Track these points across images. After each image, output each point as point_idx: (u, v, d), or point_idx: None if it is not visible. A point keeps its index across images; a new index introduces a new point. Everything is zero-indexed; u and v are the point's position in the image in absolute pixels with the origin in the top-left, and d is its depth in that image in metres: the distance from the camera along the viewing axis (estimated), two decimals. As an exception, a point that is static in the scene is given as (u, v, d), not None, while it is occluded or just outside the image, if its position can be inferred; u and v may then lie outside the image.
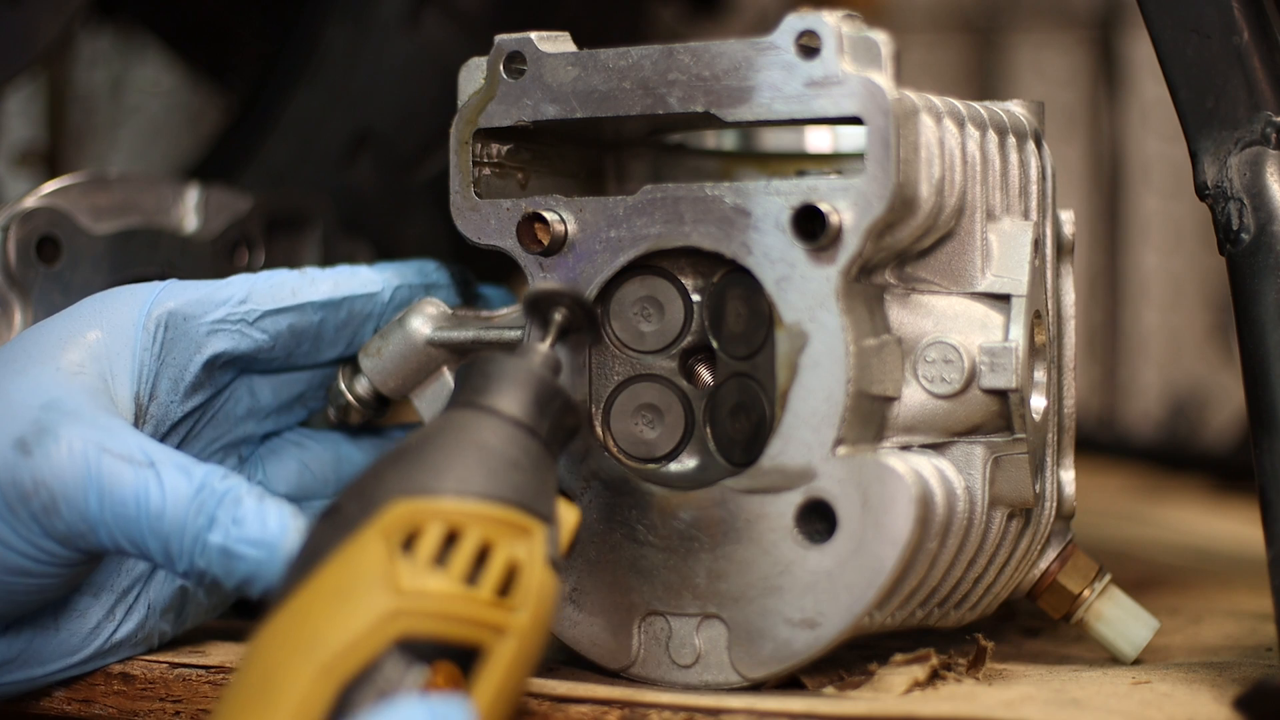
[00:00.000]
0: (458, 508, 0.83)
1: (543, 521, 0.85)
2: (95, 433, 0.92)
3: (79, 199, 1.16)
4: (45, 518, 0.91)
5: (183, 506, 0.89)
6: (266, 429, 1.09)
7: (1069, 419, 1.07)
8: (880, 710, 0.91)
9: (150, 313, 1.00)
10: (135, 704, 1.02)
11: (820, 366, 0.94)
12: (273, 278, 1.04)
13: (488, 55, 1.01)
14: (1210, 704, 0.94)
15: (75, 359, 0.97)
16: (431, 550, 0.82)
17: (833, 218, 0.93)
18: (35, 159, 1.80)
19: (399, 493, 0.83)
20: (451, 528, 0.82)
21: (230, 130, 1.52)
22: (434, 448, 0.85)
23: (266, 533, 0.89)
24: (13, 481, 0.91)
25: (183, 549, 0.89)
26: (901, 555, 0.92)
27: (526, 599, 0.83)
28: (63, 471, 0.90)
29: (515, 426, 0.87)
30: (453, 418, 0.87)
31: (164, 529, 0.90)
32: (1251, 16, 1.01)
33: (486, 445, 0.85)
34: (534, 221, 1.00)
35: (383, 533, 0.82)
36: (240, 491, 0.90)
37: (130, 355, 0.99)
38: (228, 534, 0.89)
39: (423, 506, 0.82)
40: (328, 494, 1.10)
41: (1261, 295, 0.98)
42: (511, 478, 0.85)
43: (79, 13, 1.24)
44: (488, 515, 0.83)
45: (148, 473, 0.90)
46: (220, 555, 0.89)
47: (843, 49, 0.93)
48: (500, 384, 0.88)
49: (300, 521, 0.89)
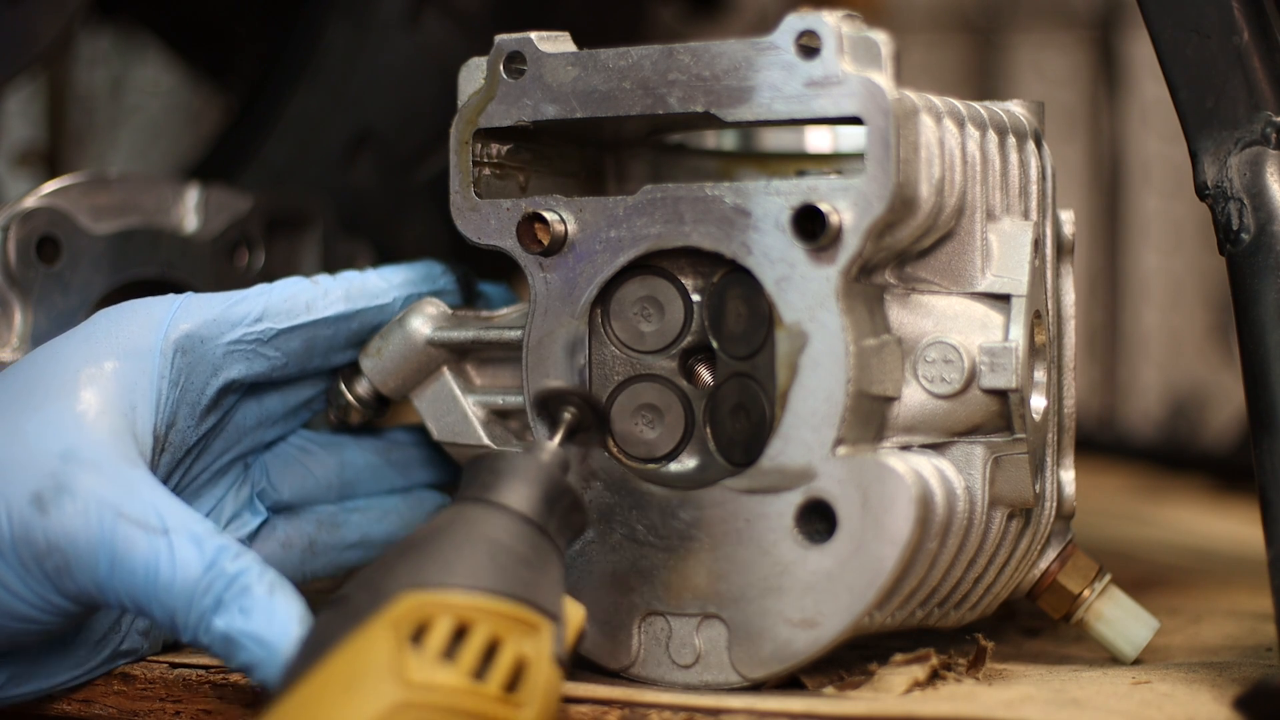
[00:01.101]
0: (468, 602, 0.83)
1: (550, 619, 0.85)
2: (112, 492, 0.91)
3: (79, 199, 1.16)
4: (57, 578, 0.91)
5: (191, 583, 0.89)
6: (274, 435, 1.08)
7: (1069, 419, 1.07)
8: (880, 710, 0.91)
9: (168, 336, 0.99)
10: (135, 704, 1.02)
11: (820, 366, 0.94)
12: (286, 291, 1.03)
13: (488, 55, 1.01)
14: (1210, 704, 0.94)
15: (94, 397, 0.95)
16: (441, 643, 0.82)
17: (833, 218, 0.93)
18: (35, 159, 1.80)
19: (409, 585, 0.83)
20: (461, 622, 0.82)
21: (230, 130, 1.52)
22: (444, 541, 0.85)
23: (270, 630, 0.88)
24: (27, 540, 0.90)
25: (188, 624, 0.89)
26: (901, 555, 0.92)
27: (533, 695, 0.83)
28: (77, 536, 0.90)
29: (524, 523, 0.87)
30: (462, 512, 0.87)
31: (171, 602, 0.89)
32: (1251, 16, 1.01)
33: (496, 541, 0.86)
34: (534, 221, 1.00)
35: (392, 624, 0.82)
36: (250, 579, 0.89)
37: (150, 386, 0.98)
38: (231, 623, 0.89)
39: (433, 599, 0.82)
40: (331, 499, 1.10)
41: (1261, 295, 0.98)
42: (520, 574, 0.85)
43: (79, 13, 1.24)
44: (497, 611, 0.83)
45: (160, 542, 0.90)
46: (223, 641, 0.89)
47: (843, 49, 0.93)
48: (509, 480, 0.88)
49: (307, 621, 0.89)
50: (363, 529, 1.11)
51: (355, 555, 1.11)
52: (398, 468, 1.12)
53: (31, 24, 1.20)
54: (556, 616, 0.86)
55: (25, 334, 1.12)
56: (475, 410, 1.04)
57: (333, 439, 1.11)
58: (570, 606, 0.88)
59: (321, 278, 1.05)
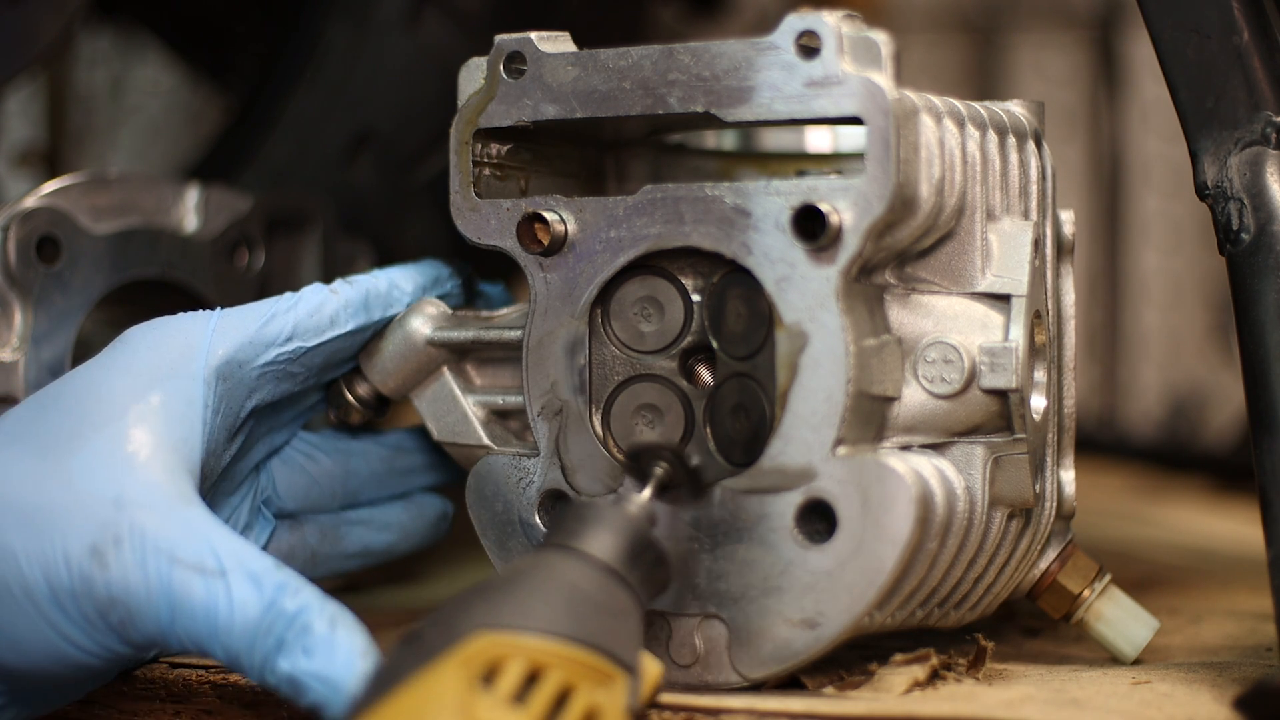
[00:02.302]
0: (541, 646, 0.81)
1: (626, 670, 0.83)
2: (166, 537, 0.90)
3: (79, 199, 1.16)
4: (122, 630, 0.90)
5: (251, 625, 0.88)
6: (281, 440, 1.08)
7: (1069, 419, 1.07)
8: (880, 710, 0.91)
9: (209, 363, 0.98)
10: (135, 704, 1.02)
11: (820, 366, 0.94)
12: (310, 305, 1.02)
13: (488, 55, 1.01)
14: (1210, 704, 0.94)
15: (145, 436, 0.94)
16: (512, 687, 0.79)
17: (833, 218, 0.93)
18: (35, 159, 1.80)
19: (482, 625, 0.81)
20: (533, 666, 0.80)
21: (230, 130, 1.52)
22: (522, 584, 0.84)
23: (333, 668, 0.87)
24: (90, 595, 0.90)
25: (252, 665, 0.88)
26: (901, 555, 0.92)
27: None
28: (136, 587, 0.89)
29: (606, 573, 0.86)
30: (544, 557, 0.86)
31: (232, 644, 0.88)
32: (1251, 16, 1.01)
33: (575, 587, 0.84)
34: (534, 221, 1.00)
35: (463, 663, 0.80)
36: (310, 616, 0.88)
37: (197, 417, 0.96)
38: (295, 665, 0.87)
39: (506, 641, 0.81)
40: (334, 507, 1.10)
41: (1261, 295, 0.98)
42: (598, 622, 0.83)
43: (79, 13, 1.24)
44: (571, 657, 0.81)
45: (218, 585, 0.89)
46: (289, 683, 0.88)
47: (843, 49, 0.93)
48: (595, 529, 0.87)
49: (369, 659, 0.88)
50: (364, 540, 1.11)
51: (355, 564, 1.11)
52: (401, 474, 1.12)
53: (31, 24, 1.20)
54: (633, 669, 0.84)
55: (25, 334, 1.12)
56: (475, 410, 1.04)
57: (338, 444, 1.10)
58: (648, 661, 0.86)
59: (340, 286, 1.04)
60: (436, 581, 1.31)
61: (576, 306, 0.99)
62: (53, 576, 0.90)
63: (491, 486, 1.02)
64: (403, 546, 1.13)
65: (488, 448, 1.03)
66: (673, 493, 0.92)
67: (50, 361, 1.13)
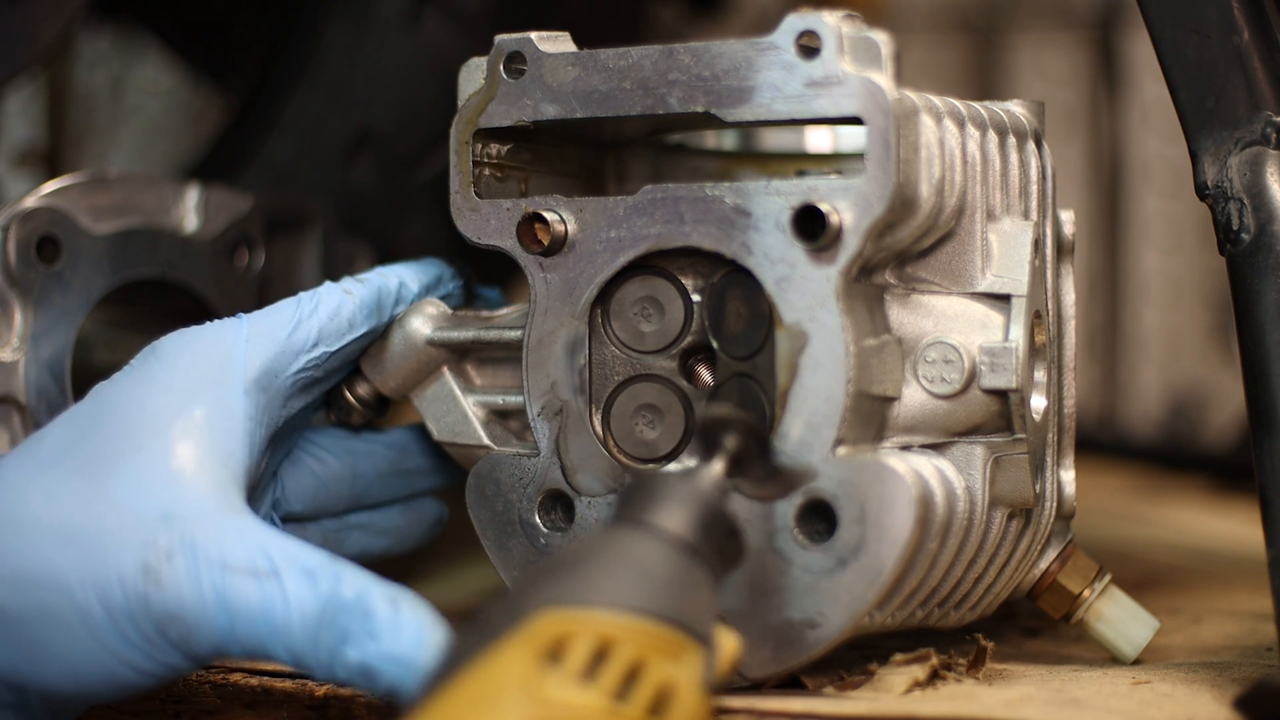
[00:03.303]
0: (610, 620, 0.78)
1: (700, 643, 0.80)
2: (217, 545, 0.88)
3: (79, 199, 1.16)
4: (183, 645, 0.89)
5: (312, 621, 0.87)
6: (292, 442, 1.08)
7: (1069, 419, 1.07)
8: (880, 710, 0.91)
9: (247, 374, 0.97)
10: (135, 704, 1.02)
11: (820, 366, 0.94)
12: (329, 308, 1.01)
13: (488, 55, 1.01)
14: (1210, 704, 0.94)
15: (189, 451, 0.93)
16: (580, 663, 0.77)
17: (833, 218, 0.93)
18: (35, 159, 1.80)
19: (549, 602, 0.79)
20: (602, 641, 0.77)
21: (230, 130, 1.52)
22: (589, 560, 0.81)
23: (401, 646, 0.85)
24: (147, 613, 0.88)
25: (319, 662, 0.87)
26: (901, 555, 0.92)
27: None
28: (190, 600, 0.88)
29: (677, 546, 0.83)
30: (613, 532, 0.83)
31: (294, 643, 0.87)
32: (1251, 16, 1.01)
33: (644, 561, 0.81)
34: (534, 221, 1.00)
35: (529, 642, 0.77)
36: (371, 601, 0.86)
37: (240, 429, 0.95)
38: (364, 651, 0.86)
39: (573, 617, 0.78)
40: (340, 510, 1.10)
41: (1261, 295, 0.98)
42: (669, 595, 0.80)
43: (79, 13, 1.24)
44: (641, 631, 0.78)
45: (272, 586, 0.87)
46: (361, 672, 0.86)
47: (843, 49, 0.93)
48: (666, 502, 0.84)
49: (439, 631, 0.86)
50: (362, 544, 1.11)
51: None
52: (407, 476, 1.12)
53: (31, 24, 1.20)
54: (708, 641, 0.81)
55: (25, 334, 1.12)
56: (475, 410, 1.04)
57: (345, 445, 1.10)
58: (724, 634, 0.84)
59: (353, 286, 1.03)
60: (436, 582, 1.31)
61: (576, 306, 0.99)
62: (108, 599, 0.89)
63: (492, 486, 1.02)
64: (398, 549, 1.13)
65: (488, 448, 1.03)
66: (747, 466, 0.89)
67: (50, 361, 1.13)
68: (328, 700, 0.98)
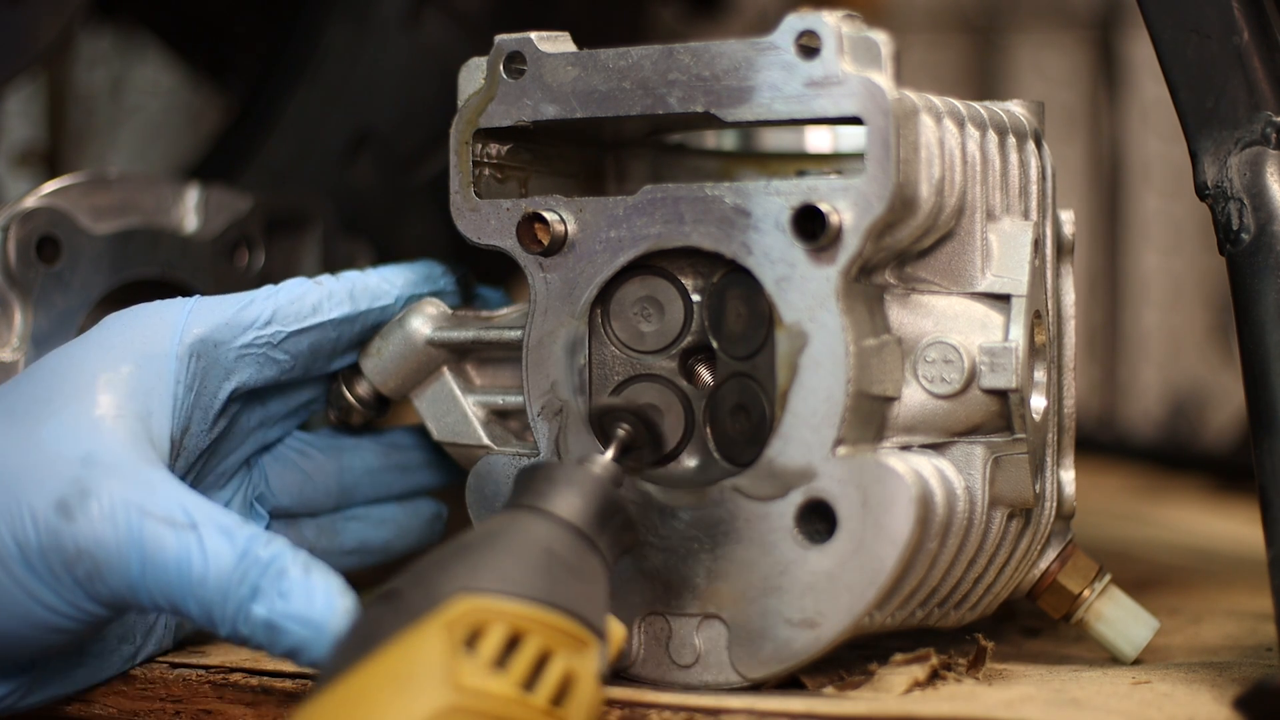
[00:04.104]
0: (522, 612, 0.83)
1: (597, 635, 0.85)
2: (136, 492, 0.90)
3: (79, 199, 1.16)
4: (88, 583, 0.90)
5: (225, 574, 0.88)
6: (274, 436, 1.08)
7: (1069, 419, 1.07)
8: (880, 710, 0.91)
9: (182, 340, 0.98)
10: (135, 704, 1.02)
11: (820, 366, 0.94)
12: (292, 293, 1.02)
13: (488, 55, 1.01)
14: (1210, 704, 0.94)
15: (111, 400, 0.94)
16: (494, 651, 0.81)
17: (833, 218, 0.93)
18: (35, 159, 1.80)
19: (464, 588, 0.82)
20: (514, 631, 0.82)
21: (230, 130, 1.52)
22: (499, 546, 0.85)
23: (313, 610, 0.87)
24: (56, 547, 0.89)
25: (225, 616, 0.88)
26: (901, 555, 0.92)
27: (578, 711, 0.83)
28: (105, 538, 0.89)
29: (576, 535, 0.87)
30: (517, 518, 0.87)
31: (206, 595, 0.88)
32: (1251, 16, 1.01)
33: (550, 550, 0.85)
34: (534, 221, 1.00)
35: (446, 626, 0.81)
36: (285, 562, 0.88)
37: (167, 391, 0.97)
38: (272, 607, 0.87)
39: (488, 606, 0.82)
40: (330, 506, 1.10)
41: (1261, 295, 0.98)
42: (573, 587, 0.85)
43: (79, 13, 1.24)
44: (549, 623, 0.83)
45: (190, 536, 0.89)
46: (265, 628, 0.88)
47: (843, 49, 0.93)
48: (564, 490, 0.88)
49: (348, 599, 0.88)
50: (360, 536, 1.11)
51: (352, 561, 1.11)
52: (398, 471, 1.12)
53: (31, 24, 1.20)
54: (602, 633, 0.86)
55: (25, 334, 1.12)
56: (475, 410, 1.04)
57: (332, 442, 1.10)
58: (613, 624, 0.88)
59: (325, 279, 1.05)
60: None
61: (576, 306, 0.99)
62: (19, 534, 0.90)
63: (492, 486, 1.02)
64: (399, 544, 1.13)
65: (488, 448, 1.03)
66: (635, 454, 0.92)
67: (50, 361, 1.13)
68: (328, 700, 0.98)
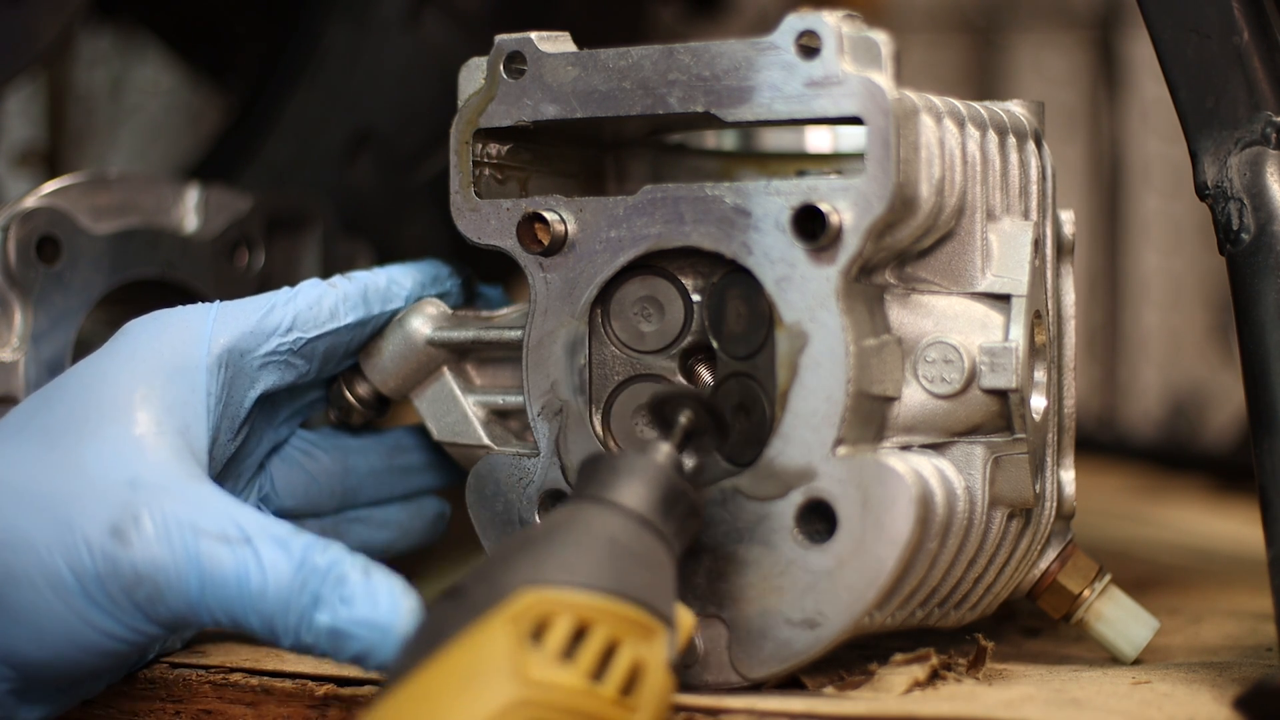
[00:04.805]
0: (588, 602, 0.82)
1: (665, 623, 0.85)
2: (187, 511, 0.90)
3: (79, 199, 1.16)
4: (149, 606, 0.90)
5: (285, 585, 0.88)
6: (282, 436, 1.08)
7: (1069, 419, 1.07)
8: (880, 710, 0.91)
9: (211, 351, 0.98)
10: (135, 704, 1.02)
11: (820, 366, 0.94)
12: (310, 297, 1.02)
13: (488, 55, 1.01)
14: (1210, 704, 0.94)
15: (149, 419, 0.94)
16: (560, 643, 0.81)
17: (833, 218, 0.93)
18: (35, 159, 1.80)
19: (528, 581, 0.82)
20: (580, 622, 0.82)
21: (230, 130, 1.52)
22: (563, 538, 0.85)
23: (378, 613, 0.87)
24: (114, 573, 0.89)
25: (288, 627, 0.88)
26: (901, 555, 0.92)
27: (648, 700, 0.82)
28: (163, 561, 0.89)
29: (642, 525, 0.87)
30: (580, 510, 0.87)
31: (267, 609, 0.88)
32: (1251, 16, 1.01)
33: (615, 540, 0.85)
34: (534, 221, 1.00)
35: (511, 620, 0.81)
36: (344, 568, 0.88)
37: (200, 403, 0.97)
38: (336, 614, 0.87)
39: (553, 597, 0.82)
40: (333, 508, 1.10)
41: (1261, 295, 0.98)
42: (640, 576, 0.84)
43: (79, 13, 1.24)
44: (616, 613, 0.83)
45: (245, 551, 0.89)
46: (330, 635, 0.88)
47: (843, 49, 0.93)
48: (629, 480, 0.87)
49: (412, 598, 0.88)
50: (363, 537, 1.11)
51: None
52: (401, 473, 1.12)
53: (31, 24, 1.20)
54: (670, 621, 0.85)
55: (25, 334, 1.12)
56: (475, 410, 1.04)
57: (337, 442, 1.10)
58: (681, 612, 0.88)
59: (338, 280, 1.04)
60: (436, 582, 1.31)
61: (576, 306, 0.99)
62: (75, 562, 0.89)
63: (492, 486, 1.02)
64: (401, 544, 1.13)
65: (488, 448, 1.03)
66: (698, 440, 0.92)
67: (50, 361, 1.13)
68: (328, 700, 0.98)
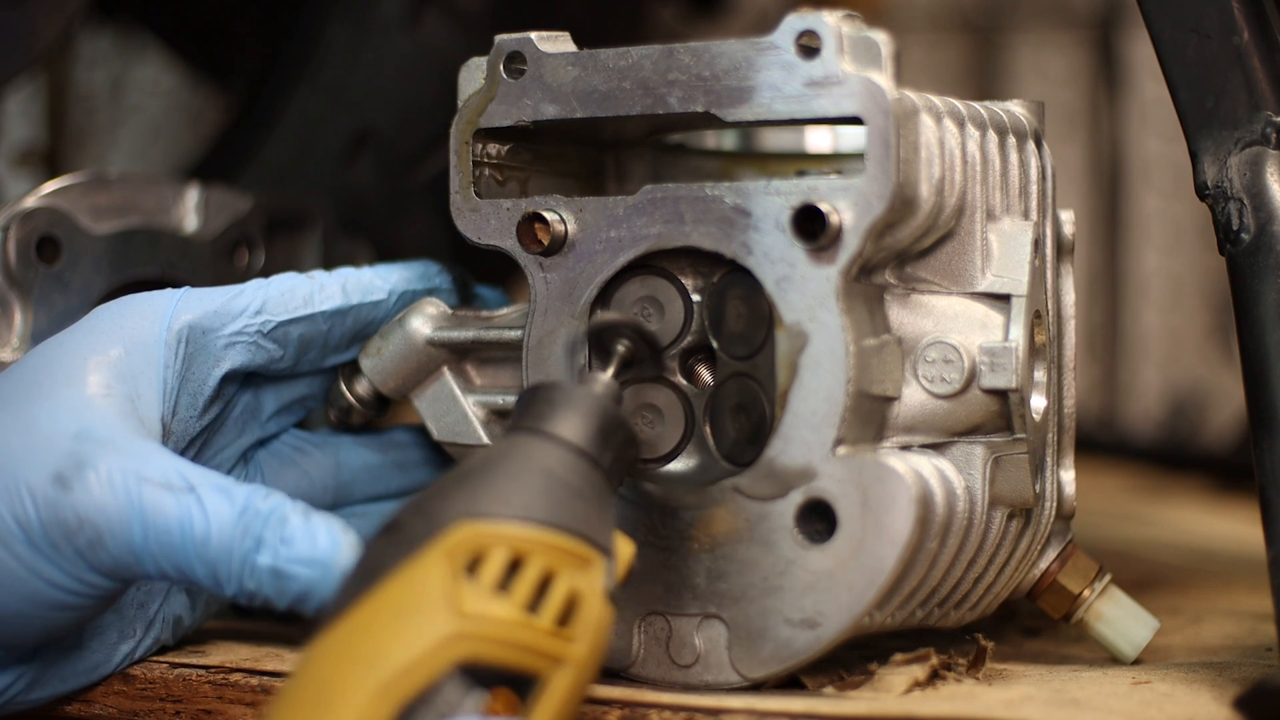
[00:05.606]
0: (523, 534, 0.82)
1: (602, 553, 0.85)
2: (132, 461, 0.91)
3: (79, 199, 1.16)
4: (91, 553, 0.90)
5: (228, 530, 0.88)
6: (269, 432, 1.08)
7: (1069, 419, 1.07)
8: (880, 710, 0.91)
9: (170, 327, 0.99)
10: (135, 704, 1.02)
11: (820, 366, 0.94)
12: (284, 285, 1.03)
13: (488, 55, 1.01)
14: (1210, 704, 0.94)
15: (101, 380, 0.95)
16: (496, 575, 0.81)
17: (833, 218, 0.93)
18: (35, 159, 1.80)
19: (463, 515, 0.82)
20: (515, 554, 0.82)
21: (230, 130, 1.52)
22: (499, 471, 0.85)
23: (317, 550, 0.88)
24: (56, 519, 0.90)
25: (230, 573, 0.89)
26: (901, 555, 0.92)
27: (585, 630, 0.83)
28: (105, 505, 0.89)
29: (578, 455, 0.87)
30: (516, 442, 0.87)
31: (210, 554, 0.89)
32: (1251, 16, 1.01)
33: (550, 472, 0.85)
34: (534, 221, 1.00)
35: (447, 554, 0.81)
36: (285, 510, 0.89)
37: (155, 374, 0.98)
38: (277, 554, 0.88)
39: (488, 530, 0.82)
40: (326, 504, 1.10)
41: (1261, 295, 0.98)
42: (575, 507, 0.84)
43: (79, 13, 1.24)
44: (551, 544, 0.83)
45: (189, 499, 0.89)
46: (271, 576, 0.88)
47: (843, 49, 0.93)
48: (564, 411, 0.87)
49: (351, 535, 0.89)
50: (359, 530, 1.11)
51: None
52: (396, 469, 1.12)
53: (31, 24, 1.20)
54: (608, 551, 0.85)
55: (25, 334, 1.12)
56: (475, 410, 1.04)
57: (329, 439, 1.10)
58: (621, 541, 0.88)
59: (318, 274, 1.05)
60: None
61: (576, 306, 0.99)
62: (19, 512, 0.90)
63: (491, 486, 1.02)
64: None
65: (487, 447, 1.03)
66: (635, 368, 0.92)
67: (50, 361, 1.13)
68: (328, 700, 0.98)
